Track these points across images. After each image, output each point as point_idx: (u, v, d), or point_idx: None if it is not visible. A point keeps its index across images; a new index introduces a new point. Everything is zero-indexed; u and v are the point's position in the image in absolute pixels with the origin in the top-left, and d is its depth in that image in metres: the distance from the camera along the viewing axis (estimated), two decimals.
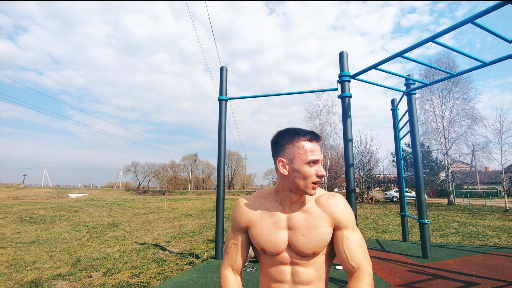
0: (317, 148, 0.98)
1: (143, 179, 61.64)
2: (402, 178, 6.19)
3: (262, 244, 1.00)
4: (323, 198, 1.01)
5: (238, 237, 1.08)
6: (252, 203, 1.08)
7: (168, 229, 9.40)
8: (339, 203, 0.99)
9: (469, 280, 3.37)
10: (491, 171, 37.87)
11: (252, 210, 1.06)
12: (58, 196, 33.78)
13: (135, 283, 3.78)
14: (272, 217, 1.02)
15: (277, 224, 1.00)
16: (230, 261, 1.08)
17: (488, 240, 6.63)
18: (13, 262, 5.18)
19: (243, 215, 1.07)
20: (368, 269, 0.93)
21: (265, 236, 1.00)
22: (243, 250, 1.08)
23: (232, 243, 1.09)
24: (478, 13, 2.80)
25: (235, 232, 1.09)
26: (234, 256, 1.08)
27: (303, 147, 0.96)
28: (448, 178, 20.92)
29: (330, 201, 0.99)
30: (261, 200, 1.07)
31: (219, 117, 5.01)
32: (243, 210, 1.08)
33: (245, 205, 1.08)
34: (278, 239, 0.98)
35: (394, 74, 4.38)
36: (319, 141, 0.99)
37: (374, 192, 36.95)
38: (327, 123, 22.03)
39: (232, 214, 1.11)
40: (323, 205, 0.99)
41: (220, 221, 4.68)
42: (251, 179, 77.81)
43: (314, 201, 1.01)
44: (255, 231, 1.03)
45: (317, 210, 0.99)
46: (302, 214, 0.99)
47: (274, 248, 0.98)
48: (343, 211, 0.98)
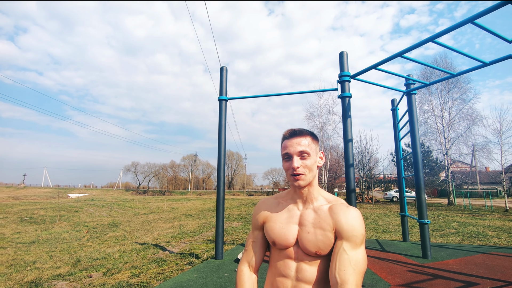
0: (292, 143, 1.01)
1: (143, 179, 61.73)
2: (402, 178, 6.19)
3: (273, 236, 1.05)
4: (337, 205, 1.01)
5: (256, 235, 1.15)
6: (270, 202, 1.15)
7: (168, 229, 9.40)
8: (348, 214, 0.97)
9: (469, 280, 3.37)
10: (491, 171, 37.86)
11: (269, 207, 1.13)
12: (58, 196, 33.77)
13: (135, 283, 3.77)
14: (287, 212, 1.08)
15: (290, 218, 1.05)
16: (247, 257, 1.14)
17: (488, 240, 6.62)
18: (13, 262, 5.17)
19: (260, 212, 1.14)
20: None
21: (277, 228, 1.05)
22: (260, 247, 1.13)
23: (251, 241, 1.15)
24: (478, 13, 2.81)
25: (254, 231, 1.16)
26: (251, 253, 1.13)
27: (283, 144, 1.05)
28: (448, 178, 20.91)
29: (340, 209, 0.99)
30: (279, 199, 1.14)
31: (219, 118, 5.02)
32: (261, 208, 1.15)
33: (263, 204, 1.17)
34: (288, 233, 1.03)
35: (394, 74, 4.38)
36: (298, 137, 1.02)
37: (374, 192, 36.94)
38: (328, 123, 22.04)
39: (252, 215, 1.19)
40: (333, 211, 1.00)
41: (220, 221, 4.68)
42: (251, 179, 77.81)
43: (328, 206, 1.03)
44: (269, 224, 1.08)
45: (326, 213, 1.00)
46: (313, 214, 1.03)
47: (284, 240, 1.02)
48: (350, 222, 0.95)
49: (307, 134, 1.04)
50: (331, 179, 28.69)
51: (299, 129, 1.04)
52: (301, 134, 1.03)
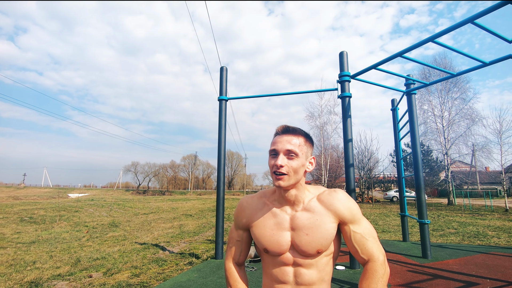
0: (282, 140, 0.95)
1: (143, 179, 61.69)
2: (402, 178, 6.19)
3: (265, 244, 1.00)
4: (324, 195, 1.00)
5: (241, 234, 1.11)
6: (255, 203, 1.08)
7: (168, 229, 9.40)
8: (340, 198, 0.98)
9: (469, 280, 3.37)
10: (491, 171, 37.81)
11: (255, 209, 1.06)
12: (58, 196, 33.76)
13: (135, 283, 3.77)
14: (274, 218, 1.01)
15: (280, 224, 1.00)
16: (234, 255, 1.13)
17: (488, 240, 6.62)
18: (13, 262, 5.17)
19: (245, 214, 1.08)
20: (380, 258, 0.94)
21: (268, 236, 1.00)
22: (246, 246, 1.13)
23: (235, 240, 1.12)
24: (478, 13, 2.81)
25: (237, 230, 1.12)
26: (238, 252, 1.12)
27: (273, 139, 0.99)
28: (448, 178, 20.91)
29: (331, 197, 0.98)
30: (264, 200, 1.07)
31: (219, 118, 5.01)
32: (245, 209, 1.08)
33: (247, 204, 1.09)
34: (281, 240, 0.98)
35: (394, 74, 4.38)
36: (290, 135, 0.96)
37: (374, 192, 36.92)
38: (328, 123, 22.05)
39: (235, 212, 1.13)
40: (325, 202, 0.98)
41: (220, 221, 4.68)
42: (251, 179, 77.89)
43: (316, 199, 1.00)
44: (258, 230, 1.03)
45: (320, 208, 0.98)
46: (305, 213, 0.98)
47: (277, 248, 0.98)
48: (346, 205, 0.97)
49: (300, 134, 0.98)
50: (331, 179, 28.68)
51: (293, 127, 0.98)
52: (294, 133, 0.97)
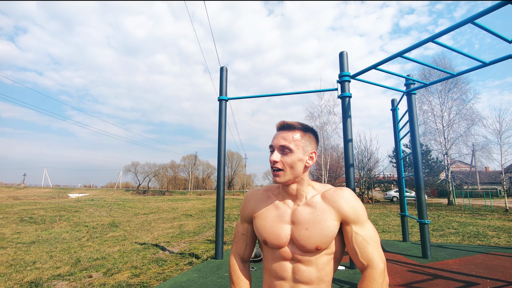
0: (278, 136, 0.97)
1: (143, 179, 61.64)
2: (402, 178, 6.19)
3: (264, 235, 1.01)
4: (329, 192, 0.99)
5: (246, 227, 1.12)
6: (260, 195, 1.10)
7: (168, 229, 9.40)
8: (346, 197, 0.96)
9: (469, 280, 3.37)
10: (491, 171, 37.86)
11: (258, 201, 1.08)
12: (58, 196, 33.77)
13: (135, 283, 3.78)
14: (276, 210, 1.02)
15: (280, 217, 1.00)
16: (238, 250, 1.13)
17: (488, 240, 6.62)
18: (13, 262, 5.17)
19: (249, 205, 1.10)
20: (379, 265, 0.90)
21: (268, 227, 1.00)
22: (251, 240, 1.12)
23: (241, 233, 1.13)
24: (478, 13, 2.81)
25: (243, 223, 1.13)
26: (243, 246, 1.12)
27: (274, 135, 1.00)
28: (448, 178, 20.91)
29: (336, 195, 0.96)
30: (268, 193, 1.09)
31: (219, 118, 5.01)
32: (250, 201, 1.11)
33: (252, 196, 1.12)
34: (280, 232, 0.98)
35: (394, 74, 4.38)
36: (286, 131, 0.97)
37: (374, 192, 36.92)
38: (328, 123, 22.04)
39: (241, 205, 1.15)
40: (328, 199, 0.97)
41: (220, 221, 4.67)
42: (251, 179, 77.78)
43: (320, 195, 0.99)
44: (259, 222, 1.04)
45: (322, 204, 0.97)
46: (307, 208, 0.98)
47: (276, 240, 0.98)
48: (351, 204, 0.95)
49: (297, 129, 0.97)
50: (331, 179, 28.70)
51: (290, 123, 0.98)
52: (289, 129, 0.97)
